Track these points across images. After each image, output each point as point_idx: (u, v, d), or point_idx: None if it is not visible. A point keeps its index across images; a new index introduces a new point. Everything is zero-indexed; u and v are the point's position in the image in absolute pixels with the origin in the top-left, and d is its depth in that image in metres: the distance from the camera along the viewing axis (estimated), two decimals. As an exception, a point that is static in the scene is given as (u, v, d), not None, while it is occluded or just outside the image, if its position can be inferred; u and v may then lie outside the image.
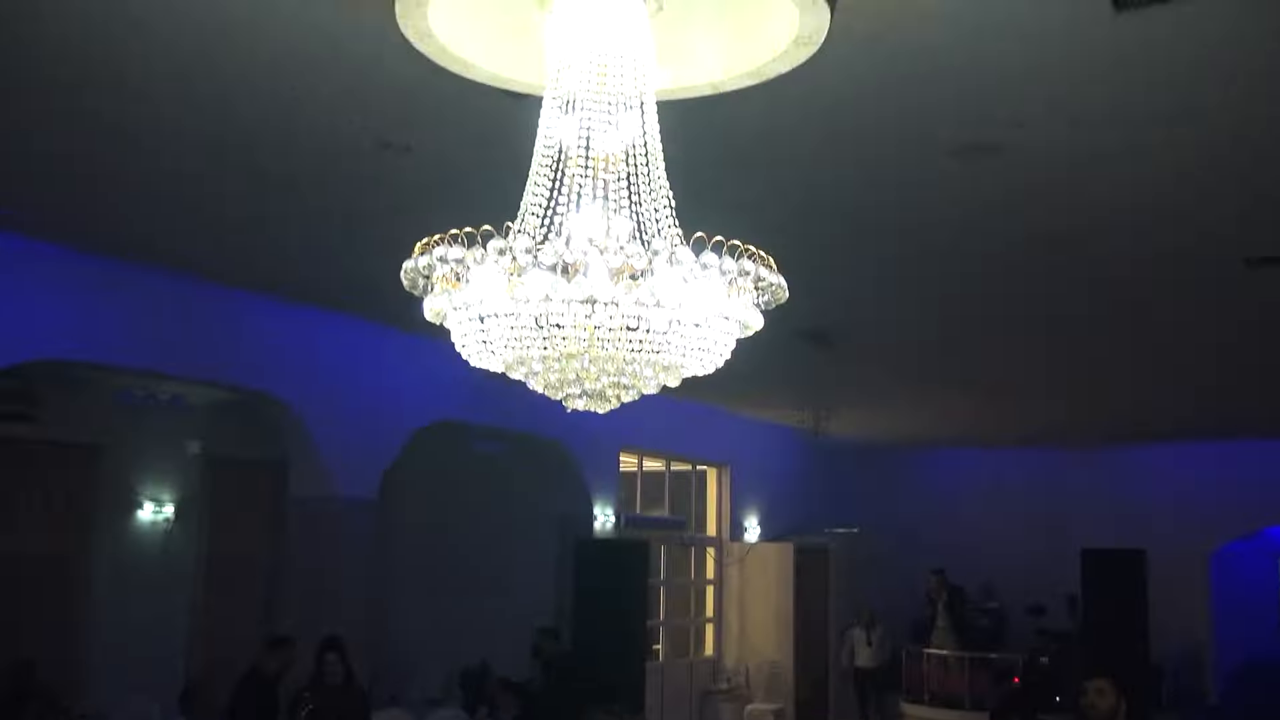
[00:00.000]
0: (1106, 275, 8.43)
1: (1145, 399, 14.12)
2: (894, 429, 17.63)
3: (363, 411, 10.84)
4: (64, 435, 11.39)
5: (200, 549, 12.50)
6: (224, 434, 12.38)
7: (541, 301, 3.21)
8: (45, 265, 8.35)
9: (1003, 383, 13.41)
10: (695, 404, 15.29)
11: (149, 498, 12.05)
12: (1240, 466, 17.56)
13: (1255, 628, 22.44)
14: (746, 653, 16.75)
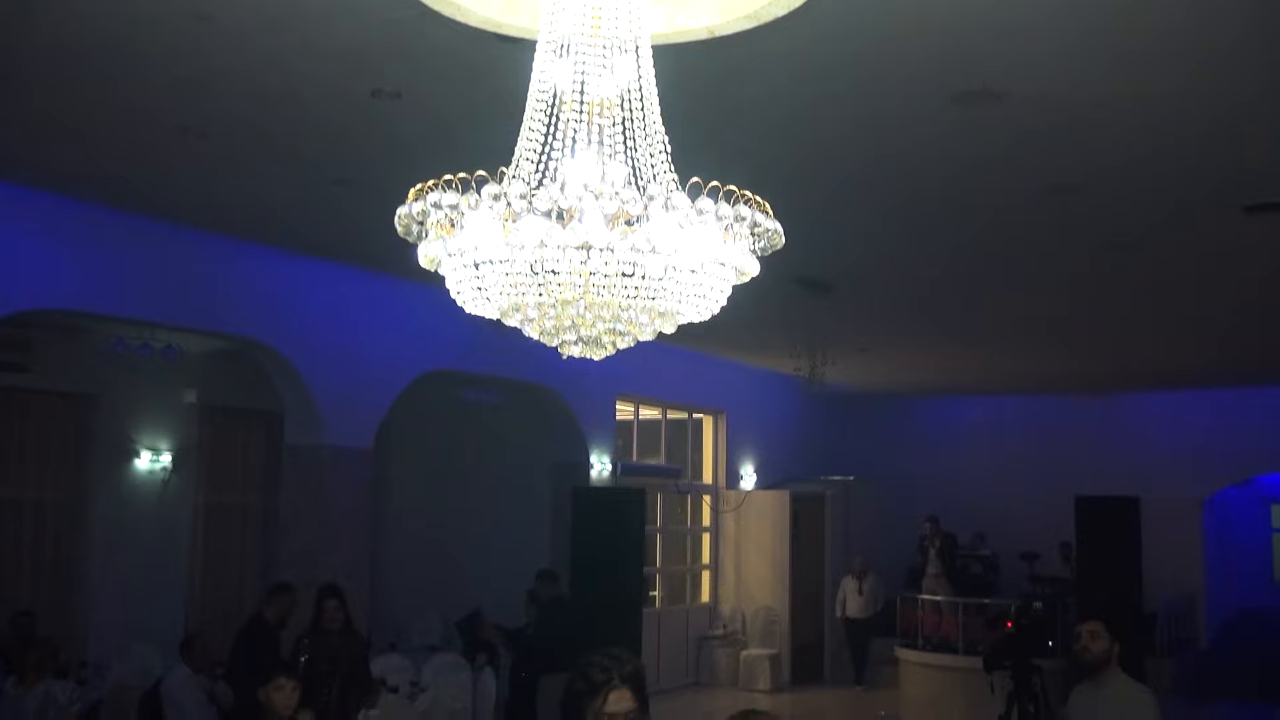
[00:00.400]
0: (1106, 223, 8.40)
1: (1143, 347, 14.14)
2: (891, 377, 17.64)
3: (358, 360, 10.82)
4: (59, 384, 11.39)
5: (197, 497, 12.55)
6: (219, 383, 12.38)
7: (536, 247, 3.18)
8: (39, 214, 8.30)
9: (1000, 331, 13.41)
10: (691, 352, 15.28)
11: (145, 446, 12.07)
12: (1234, 414, 17.63)
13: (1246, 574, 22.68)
14: (742, 599, 16.87)
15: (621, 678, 3.25)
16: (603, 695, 3.22)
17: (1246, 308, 11.52)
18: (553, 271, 3.22)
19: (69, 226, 8.48)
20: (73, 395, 11.58)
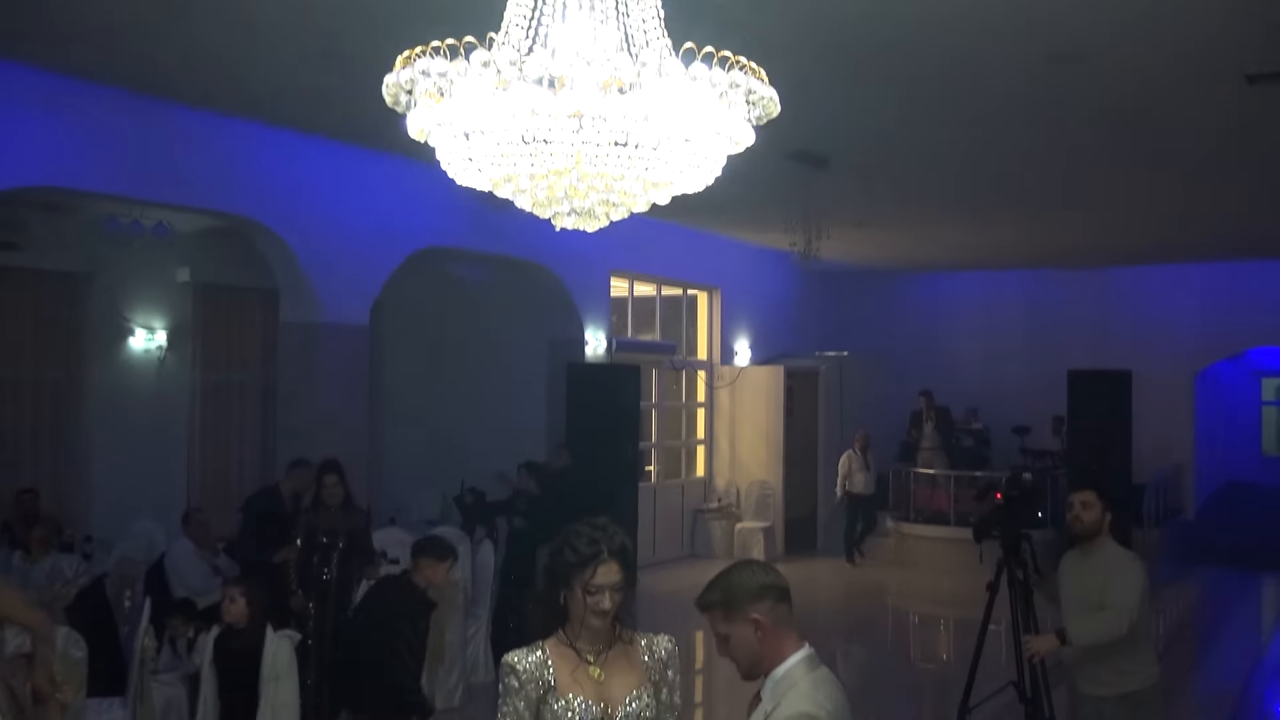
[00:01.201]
0: (1107, 93, 8.28)
1: (1139, 221, 14.07)
2: (886, 253, 17.59)
3: (351, 237, 10.77)
4: (51, 263, 11.34)
5: (194, 376, 12.59)
6: (212, 261, 12.33)
7: (527, 116, 3.13)
8: (27, 91, 8.16)
9: (997, 206, 13.33)
10: (686, 227, 15.20)
11: (140, 325, 12.07)
12: (1228, 289, 17.65)
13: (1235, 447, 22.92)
14: (737, 474, 17.09)
15: (610, 551, 3.29)
16: (592, 568, 3.27)
17: (1246, 182, 11.45)
18: (545, 141, 3.18)
19: (58, 102, 8.34)
20: (66, 274, 11.53)
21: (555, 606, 3.36)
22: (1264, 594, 15.24)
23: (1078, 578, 5.56)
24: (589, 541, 3.29)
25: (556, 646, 3.33)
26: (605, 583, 3.27)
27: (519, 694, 3.26)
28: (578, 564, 3.27)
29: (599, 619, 3.29)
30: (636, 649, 3.41)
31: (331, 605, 8.40)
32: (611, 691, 3.31)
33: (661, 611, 12.87)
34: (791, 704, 2.96)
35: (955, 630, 12.59)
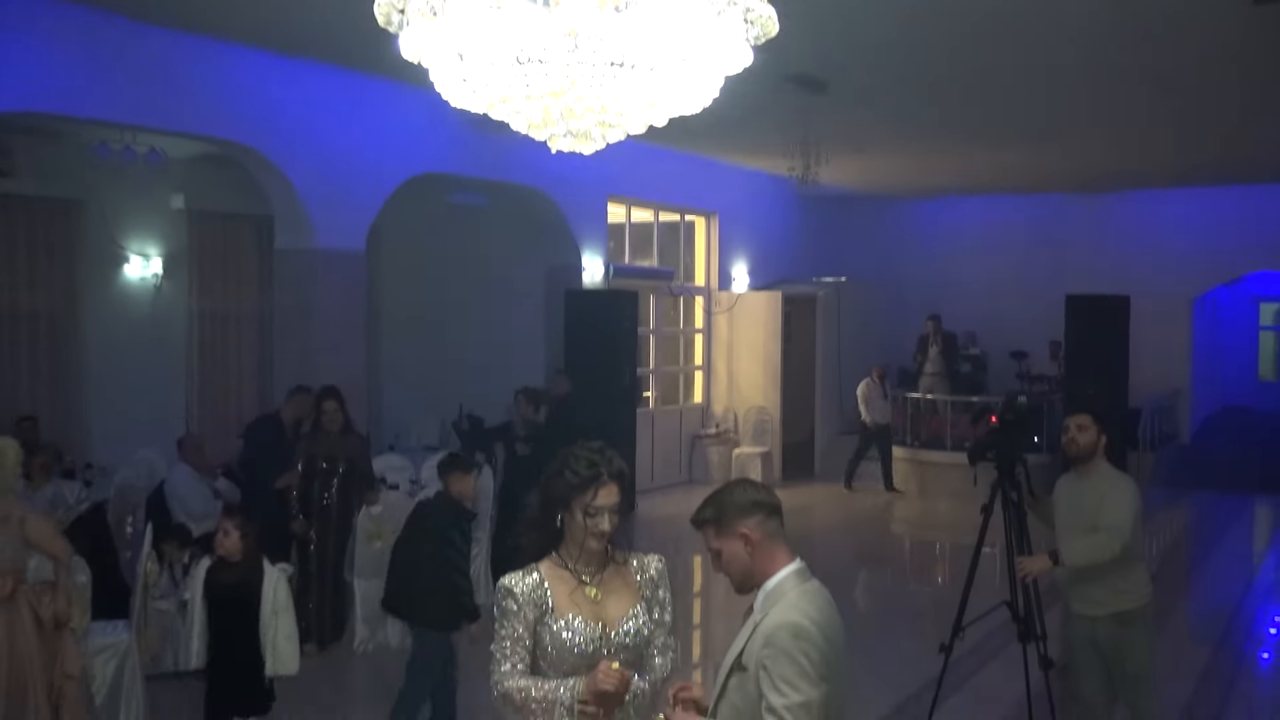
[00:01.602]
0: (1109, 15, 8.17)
1: (1140, 144, 13.97)
2: (885, 178, 17.47)
3: (345, 163, 10.68)
4: (43, 190, 11.25)
5: (191, 303, 12.55)
6: (206, 188, 12.24)
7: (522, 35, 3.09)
8: (16, 14, 8.03)
9: (998, 129, 13.20)
10: (683, 152, 15.08)
11: (135, 252, 12.01)
12: (1227, 213, 17.58)
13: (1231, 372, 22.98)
14: (734, 399, 17.14)
15: (609, 474, 3.32)
16: (592, 490, 3.30)
17: (1248, 105, 11.34)
18: (539, 61, 3.14)
19: (48, 26, 8.23)
20: (59, 201, 11.45)
21: (551, 530, 3.39)
22: (1257, 517, 15.37)
23: (1072, 500, 5.61)
24: (588, 464, 3.32)
25: (552, 569, 3.36)
26: (605, 504, 3.31)
27: (517, 616, 3.30)
28: (578, 486, 3.30)
29: (598, 541, 3.33)
30: (629, 569, 3.46)
31: (332, 530, 8.48)
32: (608, 611, 3.35)
33: (660, 535, 13.03)
34: (780, 613, 3.01)
35: (950, 553, 12.73)
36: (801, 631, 2.95)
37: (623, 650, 3.33)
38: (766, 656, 2.96)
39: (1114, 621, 5.50)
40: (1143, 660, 5.56)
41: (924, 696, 6.27)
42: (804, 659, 2.93)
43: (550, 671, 3.31)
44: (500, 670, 3.30)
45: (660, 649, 3.45)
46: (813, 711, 2.90)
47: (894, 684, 7.38)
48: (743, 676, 3.03)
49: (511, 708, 3.30)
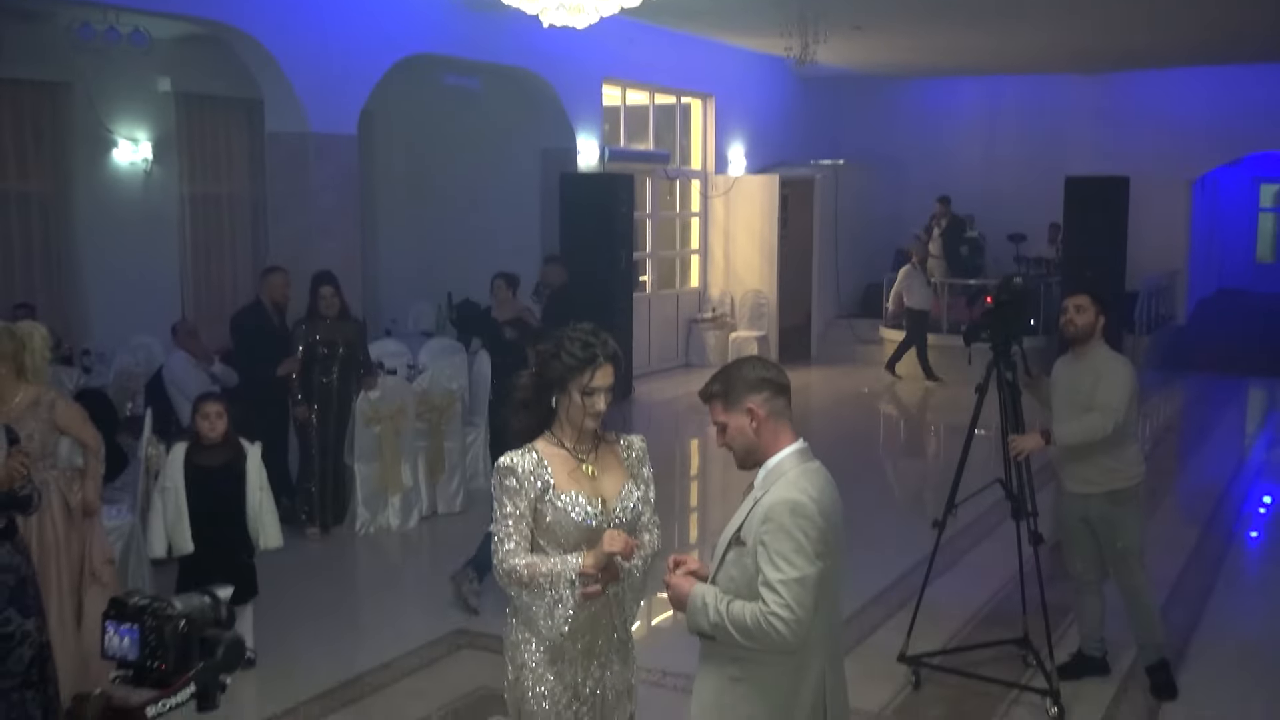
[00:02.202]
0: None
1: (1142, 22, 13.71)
2: (884, 57, 17.17)
3: (335, 43, 10.47)
4: (29, 73, 11.05)
5: (182, 189, 12.44)
6: (194, 70, 12.02)
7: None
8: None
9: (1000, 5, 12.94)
10: (679, 32, 14.80)
11: (124, 136, 11.86)
12: (1228, 93, 17.33)
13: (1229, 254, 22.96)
14: (731, 283, 17.11)
15: (605, 355, 3.35)
16: (589, 371, 3.33)
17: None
18: (530, -70, 3.05)
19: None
20: (45, 84, 11.25)
21: (545, 411, 3.42)
22: (1250, 399, 15.48)
23: (1069, 381, 5.62)
24: (584, 346, 3.34)
25: (547, 448, 3.41)
26: (602, 385, 3.35)
27: (519, 494, 3.34)
28: (575, 368, 3.33)
29: (594, 420, 3.39)
30: (618, 447, 3.54)
31: (332, 415, 8.53)
32: (605, 488, 3.42)
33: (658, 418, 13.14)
34: (779, 491, 3.04)
35: (945, 434, 12.84)
36: (800, 508, 2.98)
37: (621, 525, 3.41)
38: (765, 532, 2.99)
39: (1106, 500, 5.57)
40: (1133, 538, 5.64)
41: (918, 573, 6.37)
42: (801, 535, 2.96)
43: (550, 549, 3.37)
44: (504, 549, 3.34)
45: (646, 526, 3.53)
46: (807, 587, 2.94)
47: (889, 561, 7.51)
48: (740, 551, 3.08)
49: (518, 585, 3.35)
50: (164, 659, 1.78)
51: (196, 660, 1.81)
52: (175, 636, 1.79)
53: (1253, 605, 7.36)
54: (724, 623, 3.00)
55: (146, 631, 1.79)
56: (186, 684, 1.79)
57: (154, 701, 1.77)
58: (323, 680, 5.89)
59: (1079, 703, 5.61)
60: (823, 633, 3.08)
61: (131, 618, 1.80)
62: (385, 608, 7.32)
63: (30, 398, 5.13)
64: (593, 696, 3.45)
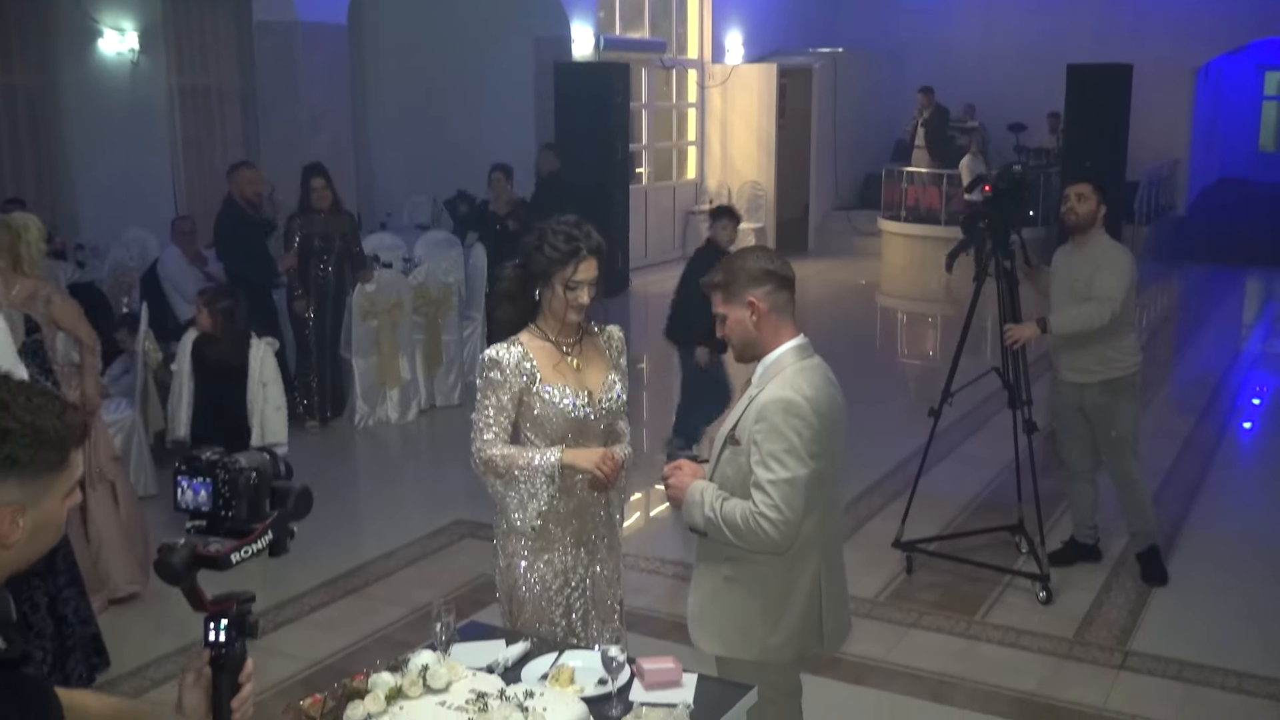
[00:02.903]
0: None
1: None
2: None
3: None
4: (9, -40, 10.82)
5: (170, 80, 12.23)
6: (178, -44, 11.76)
7: None
8: None
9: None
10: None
11: (109, 26, 11.63)
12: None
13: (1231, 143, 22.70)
14: (728, 175, 16.95)
15: (589, 249, 3.32)
16: (573, 265, 3.30)
17: None
18: None
19: None
20: (26, -28, 11.03)
21: (529, 304, 3.42)
22: (1248, 290, 15.46)
23: (1068, 270, 5.59)
24: (567, 239, 3.31)
25: (532, 340, 3.40)
26: (585, 279, 3.32)
27: (502, 386, 3.35)
28: (558, 261, 3.30)
29: (577, 314, 3.37)
30: (599, 339, 3.54)
31: (328, 308, 8.51)
32: (589, 380, 3.44)
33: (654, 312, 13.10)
34: (775, 389, 3.02)
35: (942, 324, 12.85)
36: (794, 408, 2.96)
37: (607, 415, 3.45)
38: (758, 431, 2.98)
39: (1102, 389, 5.59)
40: (1128, 426, 5.67)
41: (913, 462, 6.42)
42: (795, 436, 2.94)
43: (537, 440, 3.39)
44: (482, 438, 3.37)
45: (621, 413, 3.56)
46: (798, 488, 2.94)
47: (885, 450, 7.56)
48: (735, 449, 3.06)
49: (494, 474, 3.39)
50: (237, 509, 1.88)
51: (267, 510, 1.90)
52: (247, 488, 1.88)
53: (1244, 495, 7.44)
54: (717, 519, 3.01)
55: (219, 484, 1.88)
56: (264, 532, 1.89)
57: (237, 549, 1.86)
58: (327, 569, 5.98)
59: (1070, 588, 5.70)
60: (817, 532, 3.08)
61: (204, 472, 1.89)
62: (386, 499, 7.39)
63: (27, 291, 5.10)
64: (582, 583, 3.50)
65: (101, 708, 1.91)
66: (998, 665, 4.98)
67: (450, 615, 2.96)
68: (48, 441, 1.64)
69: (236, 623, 1.89)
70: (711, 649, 3.18)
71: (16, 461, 1.62)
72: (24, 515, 1.65)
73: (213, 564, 1.86)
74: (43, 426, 1.64)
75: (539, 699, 2.48)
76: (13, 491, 1.63)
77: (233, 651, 1.89)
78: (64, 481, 1.70)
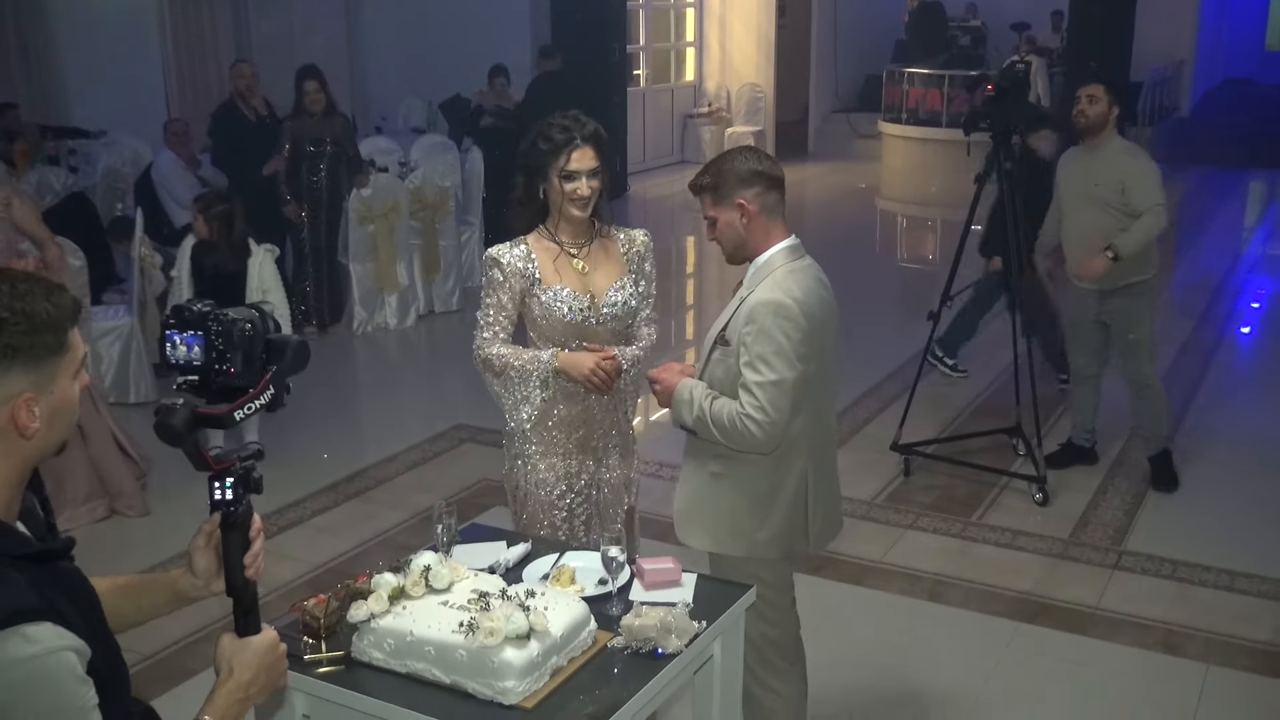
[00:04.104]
0: None
1: None
2: None
3: None
4: None
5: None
6: None
7: None
8: None
9: None
10: None
11: (94, -77, 11.36)
12: None
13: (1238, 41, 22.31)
14: (727, 76, 16.71)
15: (583, 137, 3.27)
16: (566, 154, 3.25)
17: None
18: None
19: None
20: None
21: (536, 202, 3.38)
22: (1250, 192, 15.34)
23: (1082, 173, 5.49)
24: (561, 129, 3.27)
25: (538, 241, 3.38)
26: (580, 168, 3.27)
27: (502, 286, 3.33)
28: (551, 151, 3.26)
29: (578, 208, 3.30)
30: (615, 243, 3.47)
31: (324, 213, 8.45)
32: (595, 283, 3.39)
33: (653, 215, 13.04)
34: (765, 290, 2.99)
35: (943, 228, 12.78)
36: (783, 309, 2.94)
37: (611, 320, 3.39)
38: (747, 333, 2.96)
39: (1123, 293, 5.49)
40: (1146, 330, 5.59)
41: (912, 366, 6.44)
42: (783, 338, 2.93)
43: (540, 342, 3.39)
44: (481, 336, 3.38)
45: (646, 320, 3.52)
46: (784, 390, 2.93)
47: (883, 355, 7.58)
48: (725, 350, 3.05)
49: (491, 373, 3.40)
50: (232, 362, 1.81)
51: (262, 363, 1.84)
52: (242, 339, 1.81)
53: (1241, 398, 7.46)
54: (705, 418, 3.01)
55: (212, 337, 1.80)
56: (266, 387, 1.84)
57: (238, 406, 1.82)
58: (329, 474, 6.03)
59: (1066, 490, 5.75)
60: (805, 432, 3.07)
61: (195, 325, 1.81)
62: (386, 405, 7.42)
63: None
64: (586, 490, 3.50)
65: (110, 587, 1.91)
66: (994, 565, 5.05)
67: (451, 517, 2.99)
68: (43, 326, 1.62)
69: (242, 480, 1.85)
70: (699, 545, 3.21)
71: (17, 350, 1.60)
72: (37, 403, 1.64)
73: (215, 422, 1.81)
74: (35, 311, 1.62)
75: (540, 598, 2.51)
76: (19, 381, 1.62)
77: (240, 509, 1.86)
78: (69, 363, 1.68)
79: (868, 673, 4.25)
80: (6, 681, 1.51)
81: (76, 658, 1.57)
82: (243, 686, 1.82)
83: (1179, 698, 4.08)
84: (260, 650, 1.86)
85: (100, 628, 1.67)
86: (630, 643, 2.59)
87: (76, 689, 1.56)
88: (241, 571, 1.87)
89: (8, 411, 1.62)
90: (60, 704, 1.55)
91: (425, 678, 2.45)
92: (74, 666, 1.56)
